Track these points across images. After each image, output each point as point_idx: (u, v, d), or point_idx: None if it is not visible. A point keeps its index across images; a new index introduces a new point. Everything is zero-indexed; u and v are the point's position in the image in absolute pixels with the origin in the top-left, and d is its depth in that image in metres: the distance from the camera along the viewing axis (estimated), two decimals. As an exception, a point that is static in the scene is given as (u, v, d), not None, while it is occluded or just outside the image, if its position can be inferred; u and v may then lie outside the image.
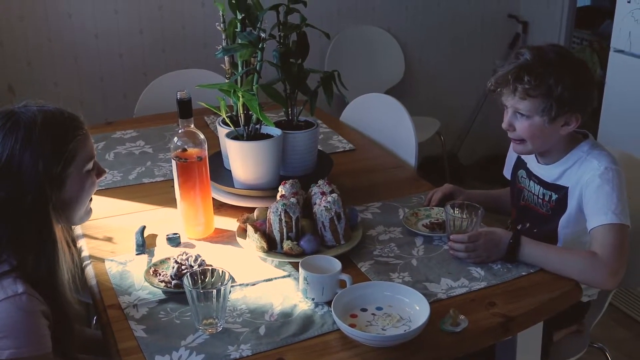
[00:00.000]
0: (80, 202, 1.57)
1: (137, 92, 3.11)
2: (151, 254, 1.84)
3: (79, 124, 1.54)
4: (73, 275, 1.57)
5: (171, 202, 2.01)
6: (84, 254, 1.87)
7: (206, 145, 1.88)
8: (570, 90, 1.79)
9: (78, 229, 1.99)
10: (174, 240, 1.89)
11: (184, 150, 1.86)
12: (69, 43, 3.44)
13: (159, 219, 2.03)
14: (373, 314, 1.56)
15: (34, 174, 1.42)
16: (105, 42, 3.51)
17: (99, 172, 1.62)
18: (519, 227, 2.04)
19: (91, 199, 1.63)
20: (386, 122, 2.73)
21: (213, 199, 2.00)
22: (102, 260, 1.83)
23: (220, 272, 1.57)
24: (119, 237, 1.94)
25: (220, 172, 2.17)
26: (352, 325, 1.51)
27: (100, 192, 2.20)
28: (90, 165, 1.57)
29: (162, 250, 1.87)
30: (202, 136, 1.87)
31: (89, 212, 1.64)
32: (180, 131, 1.86)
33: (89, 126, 1.59)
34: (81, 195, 1.56)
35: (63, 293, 1.49)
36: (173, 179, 1.92)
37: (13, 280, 1.38)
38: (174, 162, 1.87)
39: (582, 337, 2.10)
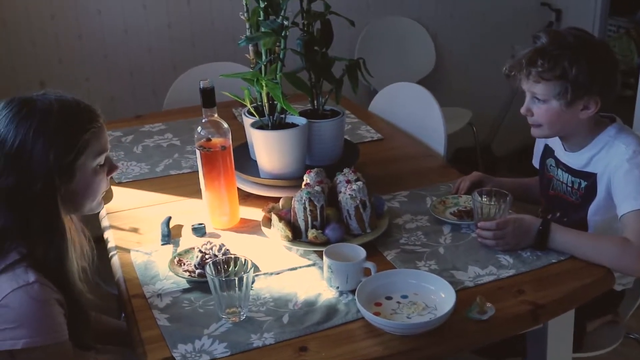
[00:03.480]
0: (89, 194, 1.55)
1: (167, 86, 3.12)
2: (176, 244, 1.84)
3: (94, 117, 1.53)
4: (84, 265, 1.58)
5: (198, 193, 2.00)
6: (110, 244, 1.88)
7: (230, 135, 1.87)
8: (586, 73, 1.74)
9: (105, 221, 2.00)
10: (199, 231, 1.88)
11: (208, 139, 1.85)
12: (98, 39, 3.47)
13: (185, 210, 2.03)
14: (398, 302, 1.54)
15: (45, 163, 1.41)
16: (135, 38, 3.53)
17: (111, 168, 1.60)
18: (549, 217, 2.00)
19: (104, 193, 1.61)
20: (415, 111, 2.70)
21: (240, 189, 1.99)
22: (128, 250, 1.83)
23: (243, 261, 1.56)
24: (145, 228, 1.94)
25: (246, 162, 2.16)
26: (377, 314, 1.49)
27: (127, 184, 2.22)
28: (102, 159, 1.54)
29: (187, 240, 1.86)
30: (225, 125, 1.86)
31: (99, 204, 1.61)
32: (204, 121, 1.85)
33: (118, 120, 1.59)
34: (90, 187, 1.54)
35: (73, 282, 1.48)
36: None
37: (24, 270, 1.38)
38: (198, 152, 1.87)
39: (617, 328, 2.05)
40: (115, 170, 1.62)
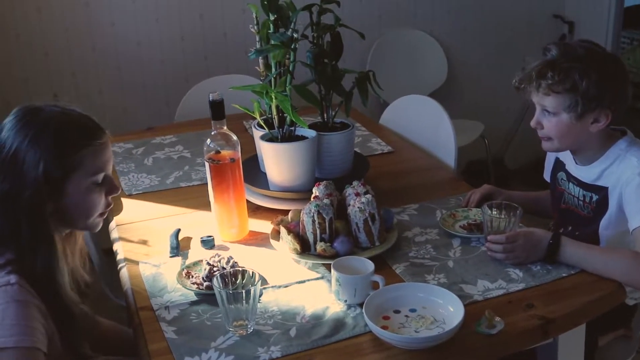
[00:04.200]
0: (81, 212, 1.54)
1: (179, 99, 3.14)
2: (185, 257, 1.84)
3: (96, 135, 1.52)
4: (77, 278, 1.58)
5: (207, 205, 2.00)
6: (120, 256, 1.88)
7: (239, 147, 1.87)
8: (597, 85, 1.73)
9: (115, 233, 2.01)
10: (207, 243, 1.88)
11: (217, 152, 1.85)
12: (111, 52, 3.49)
13: (195, 222, 2.03)
14: (406, 316, 1.53)
15: (34, 173, 1.42)
16: (147, 50, 3.55)
17: (111, 189, 1.58)
18: (561, 231, 1.98)
19: (103, 213, 1.59)
20: (426, 124, 2.69)
21: (249, 202, 1.99)
22: (137, 262, 1.83)
23: (251, 273, 1.55)
24: (154, 240, 1.95)
25: (256, 175, 2.16)
26: (385, 327, 1.47)
27: (137, 196, 2.23)
28: (98, 178, 1.53)
29: (196, 252, 1.86)
30: (235, 138, 1.86)
31: (95, 224, 1.59)
32: (213, 133, 1.85)
33: (130, 132, 1.59)
34: (82, 205, 1.53)
35: (64, 293, 1.47)
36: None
37: (7, 273, 1.38)
38: (207, 164, 1.87)
39: (629, 343, 2.02)
40: (115, 192, 1.60)
